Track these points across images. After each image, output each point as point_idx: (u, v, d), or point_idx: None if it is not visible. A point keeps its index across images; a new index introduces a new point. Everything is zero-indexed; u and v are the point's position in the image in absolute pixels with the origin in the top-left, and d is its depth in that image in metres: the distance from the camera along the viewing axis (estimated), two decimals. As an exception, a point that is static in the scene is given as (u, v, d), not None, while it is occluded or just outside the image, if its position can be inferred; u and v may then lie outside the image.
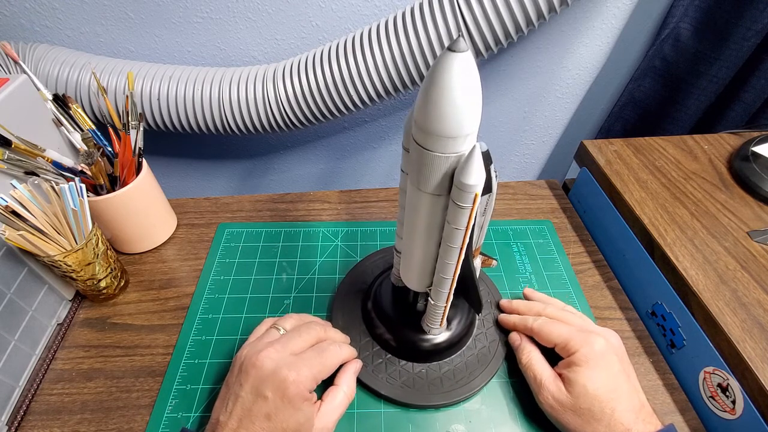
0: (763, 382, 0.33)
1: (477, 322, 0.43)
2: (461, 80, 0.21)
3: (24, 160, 0.41)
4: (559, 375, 0.36)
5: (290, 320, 0.38)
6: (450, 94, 0.22)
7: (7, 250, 0.38)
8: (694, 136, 0.60)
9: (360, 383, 0.40)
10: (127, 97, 0.48)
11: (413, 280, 0.36)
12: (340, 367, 0.37)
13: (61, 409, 0.39)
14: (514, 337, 0.41)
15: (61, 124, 0.47)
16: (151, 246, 0.53)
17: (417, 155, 0.26)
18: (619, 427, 0.32)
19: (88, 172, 0.44)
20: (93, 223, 0.42)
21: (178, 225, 0.56)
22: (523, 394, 0.40)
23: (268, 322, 0.39)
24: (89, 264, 0.42)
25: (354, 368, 0.38)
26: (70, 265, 0.41)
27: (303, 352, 0.34)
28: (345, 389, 0.35)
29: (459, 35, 0.21)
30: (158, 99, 0.63)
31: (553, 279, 0.50)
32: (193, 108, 0.64)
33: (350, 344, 0.39)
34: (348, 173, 0.93)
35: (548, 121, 0.85)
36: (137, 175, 0.47)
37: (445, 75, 0.21)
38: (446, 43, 0.56)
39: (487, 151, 0.26)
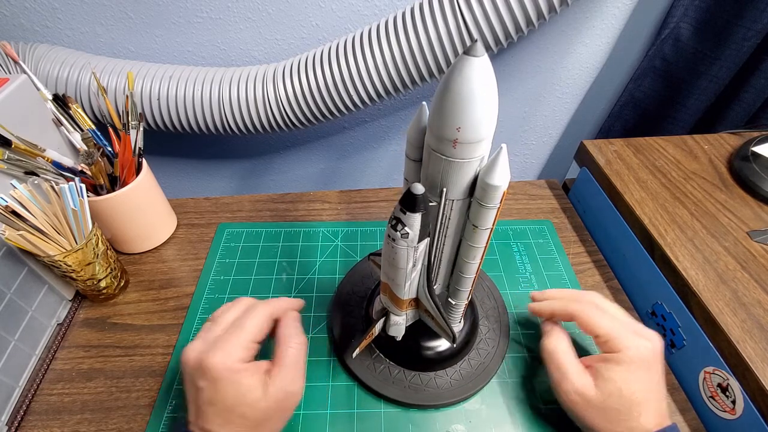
0: (763, 382, 0.33)
1: (479, 330, 0.43)
2: (481, 85, 0.21)
3: (24, 160, 0.41)
4: (588, 367, 0.34)
5: (222, 309, 0.36)
6: (471, 100, 0.21)
7: (7, 250, 0.38)
8: (694, 136, 0.60)
9: (360, 383, 0.40)
10: (127, 97, 0.48)
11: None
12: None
13: (61, 409, 0.39)
14: (547, 325, 0.39)
15: (61, 124, 0.47)
16: (151, 246, 0.53)
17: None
18: (639, 429, 0.31)
19: (88, 172, 0.44)
20: (93, 223, 0.42)
21: (178, 225, 0.56)
22: (524, 394, 0.40)
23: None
24: (89, 264, 0.42)
25: (290, 317, 0.35)
26: (70, 265, 0.41)
27: (224, 332, 0.33)
28: (291, 343, 0.33)
29: (477, 39, 0.21)
30: (158, 99, 0.63)
31: (553, 279, 0.50)
32: (193, 108, 0.64)
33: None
34: (348, 173, 0.93)
35: (548, 121, 0.85)
36: (137, 175, 0.47)
37: (465, 81, 0.21)
38: (447, 44, 0.56)
39: (424, 193, 0.24)
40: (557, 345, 0.36)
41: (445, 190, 0.26)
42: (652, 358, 0.33)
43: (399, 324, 0.36)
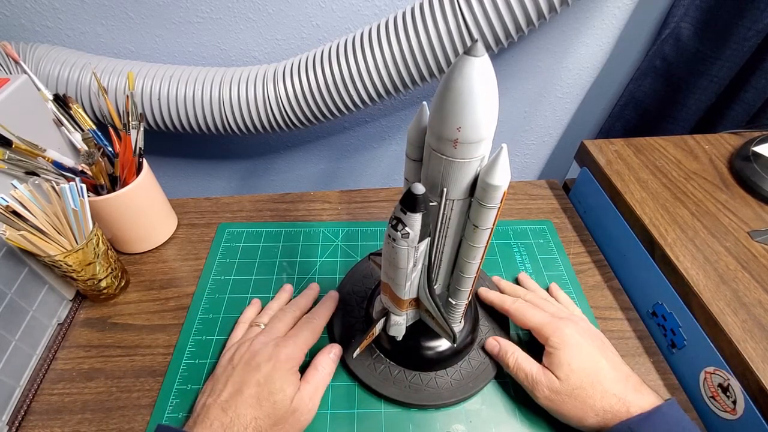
0: (763, 382, 0.33)
1: (479, 330, 0.43)
2: (482, 85, 0.21)
3: (25, 160, 0.41)
4: (545, 367, 0.37)
5: (267, 314, 0.42)
6: (471, 100, 0.21)
7: (7, 250, 0.38)
8: (694, 136, 0.60)
9: (361, 383, 0.40)
10: (127, 97, 0.48)
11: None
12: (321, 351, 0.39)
13: (62, 409, 0.39)
14: (492, 343, 0.41)
15: (62, 124, 0.47)
16: (152, 246, 0.53)
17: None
18: (611, 398, 0.33)
19: (89, 172, 0.44)
20: (93, 223, 0.42)
21: (178, 225, 0.56)
22: (523, 393, 0.40)
23: (243, 322, 0.43)
24: (90, 264, 0.42)
25: (332, 351, 0.39)
26: (70, 265, 0.41)
27: (288, 333, 0.38)
28: (321, 371, 0.37)
29: (477, 39, 0.21)
30: (159, 99, 0.63)
31: (553, 279, 0.50)
32: (194, 108, 0.64)
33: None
34: (348, 173, 0.93)
35: (548, 121, 0.85)
36: (138, 175, 0.47)
37: (466, 80, 0.21)
38: (447, 43, 0.56)
39: (424, 193, 0.24)
40: (516, 358, 0.38)
41: (445, 190, 0.26)
42: (576, 335, 0.37)
43: (399, 324, 0.36)
